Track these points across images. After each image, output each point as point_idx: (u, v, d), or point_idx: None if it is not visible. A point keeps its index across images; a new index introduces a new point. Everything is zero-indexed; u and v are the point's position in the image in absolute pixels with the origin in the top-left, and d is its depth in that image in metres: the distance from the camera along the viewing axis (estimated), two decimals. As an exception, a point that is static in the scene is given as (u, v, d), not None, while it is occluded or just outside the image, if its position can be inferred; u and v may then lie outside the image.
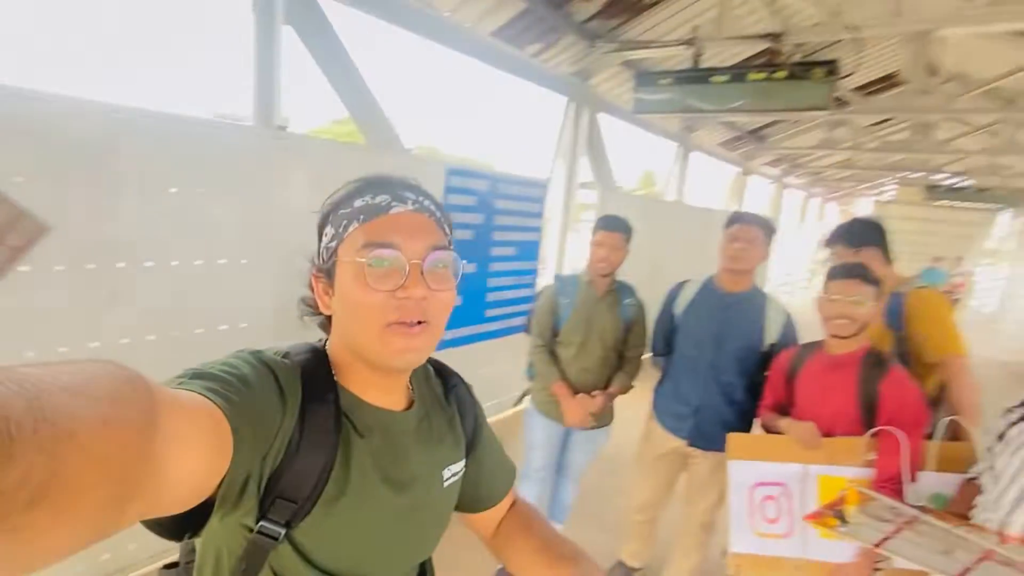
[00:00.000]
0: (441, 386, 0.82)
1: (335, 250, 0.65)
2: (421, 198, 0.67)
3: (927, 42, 4.56)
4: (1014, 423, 1.39)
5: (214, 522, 0.57)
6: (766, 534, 1.74)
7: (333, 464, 0.62)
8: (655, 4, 4.04)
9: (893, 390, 1.59)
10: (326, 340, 0.71)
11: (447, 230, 0.70)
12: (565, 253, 4.66)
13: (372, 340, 0.62)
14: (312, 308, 0.71)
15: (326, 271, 0.66)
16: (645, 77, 3.94)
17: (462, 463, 0.80)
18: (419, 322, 0.63)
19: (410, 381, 0.75)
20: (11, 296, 1.58)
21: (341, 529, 0.64)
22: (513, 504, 0.92)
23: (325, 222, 0.67)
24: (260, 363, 0.60)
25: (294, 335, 0.74)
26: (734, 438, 1.83)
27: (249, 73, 2.26)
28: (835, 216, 16.76)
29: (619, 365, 2.26)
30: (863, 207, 17.52)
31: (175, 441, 0.40)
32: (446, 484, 0.76)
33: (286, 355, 0.66)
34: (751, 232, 1.96)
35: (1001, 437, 1.40)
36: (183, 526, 0.60)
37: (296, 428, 0.60)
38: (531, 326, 2.31)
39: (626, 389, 2.26)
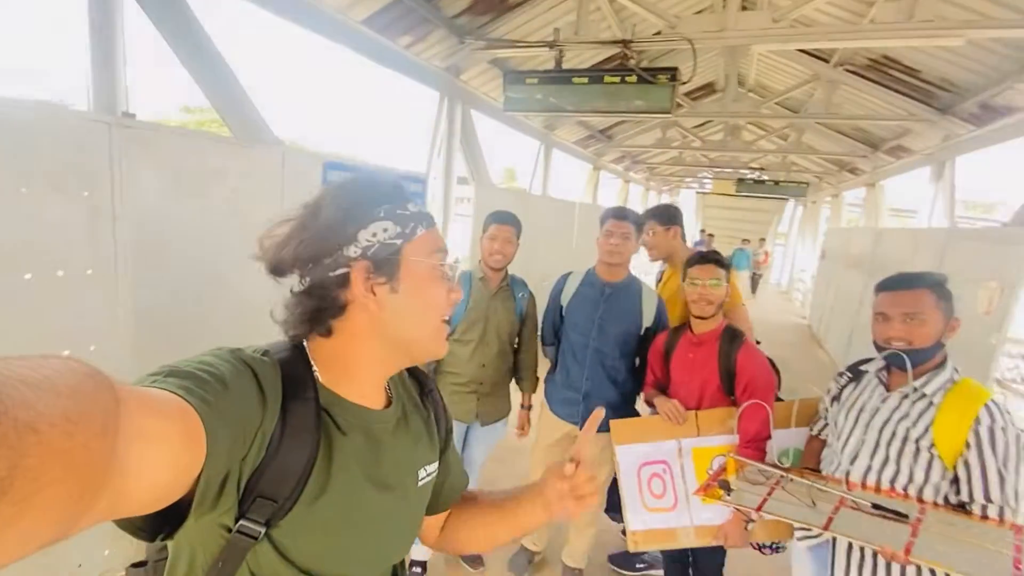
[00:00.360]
0: (417, 388, 0.84)
1: (399, 248, 0.67)
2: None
3: (738, 56, 5.42)
4: (844, 386, 1.65)
5: (190, 522, 0.55)
6: (655, 508, 1.90)
7: (315, 462, 0.62)
8: (520, 4, 4.19)
9: (747, 359, 1.81)
10: (300, 339, 0.70)
11: None
12: (453, 247, 4.65)
13: (429, 333, 0.70)
14: (332, 302, 0.67)
15: (383, 265, 0.67)
16: (514, 76, 4.07)
17: (436, 464, 0.82)
18: None
19: (388, 381, 0.76)
20: None
21: (322, 527, 0.64)
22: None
23: (370, 217, 0.67)
24: (239, 361, 0.59)
25: (156, 355, 0.69)
26: (617, 425, 1.94)
27: (83, 51, 1.86)
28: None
29: (514, 358, 2.32)
30: (687, 197, 20.21)
31: (140, 440, 0.39)
32: (420, 484, 0.77)
33: (265, 353, 0.65)
34: (624, 227, 2.12)
35: (836, 399, 1.66)
36: (158, 526, 0.56)
37: (277, 426, 0.60)
38: None
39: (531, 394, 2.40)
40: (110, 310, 1.87)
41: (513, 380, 2.40)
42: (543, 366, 2.43)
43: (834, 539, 1.52)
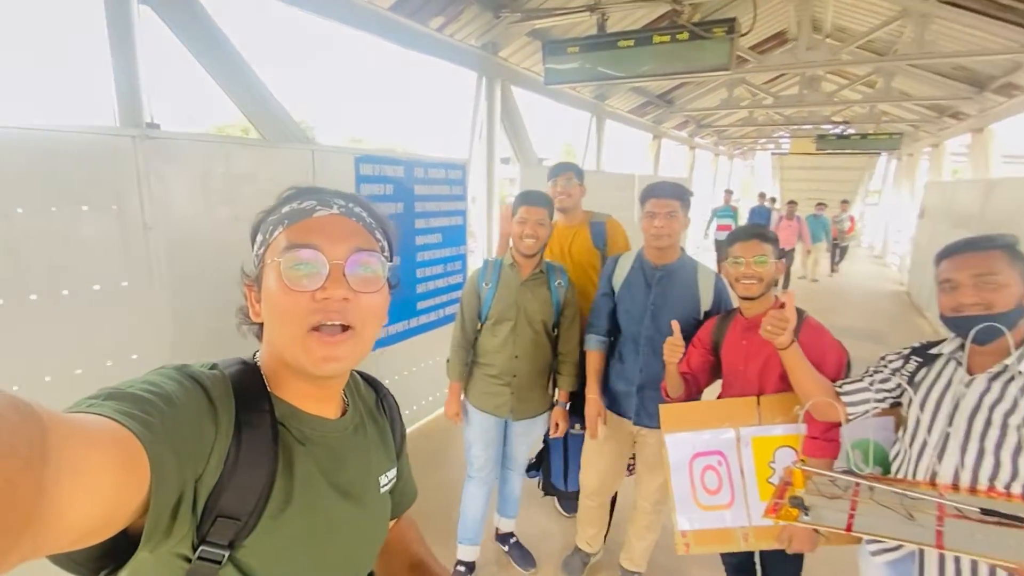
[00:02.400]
0: (373, 395, 0.83)
1: (262, 256, 0.65)
2: (351, 204, 0.68)
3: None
4: (914, 372, 1.43)
5: (143, 555, 0.51)
6: (710, 506, 1.71)
7: (275, 474, 0.60)
8: (557, -31, 3.94)
9: (811, 338, 1.61)
10: (256, 352, 0.70)
11: (379, 237, 0.69)
12: (494, 234, 4.56)
13: (295, 345, 0.61)
14: (247, 318, 0.69)
15: (256, 278, 0.66)
16: (553, 46, 3.85)
17: (395, 471, 0.81)
18: (344, 328, 0.62)
19: (344, 389, 0.75)
20: None
21: (290, 541, 0.62)
22: (399, 519, 0.93)
23: (256, 230, 0.67)
24: (186, 378, 0.57)
25: (196, 361, 0.67)
26: (666, 409, 1.77)
27: (107, 70, 1.91)
28: (741, 171, 17.81)
29: (554, 350, 2.18)
30: (762, 160, 18.76)
31: (72, 473, 0.37)
32: (382, 491, 0.77)
33: (214, 367, 0.63)
34: (668, 205, 1.92)
35: (910, 383, 1.42)
36: (100, 560, 0.53)
37: (232, 442, 0.57)
38: (457, 317, 2.20)
39: (570, 393, 2.20)
40: (148, 319, 1.95)
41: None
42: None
43: (920, 552, 1.31)
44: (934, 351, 1.42)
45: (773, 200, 10.83)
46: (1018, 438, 1.21)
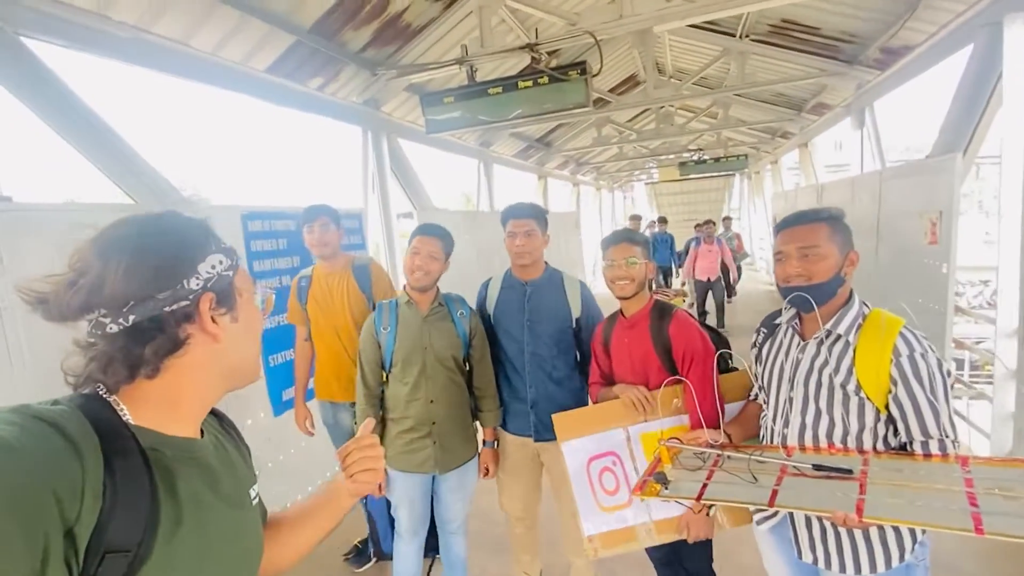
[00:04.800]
0: (215, 419, 0.83)
1: (232, 279, 0.71)
2: None
3: (649, 43, 5.54)
4: (762, 344, 1.56)
5: None
6: (610, 507, 1.72)
7: (159, 499, 0.59)
8: (423, 28, 4.20)
9: (679, 331, 1.73)
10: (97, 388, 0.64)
11: None
12: (397, 282, 4.54)
13: (256, 356, 0.77)
14: (164, 339, 0.63)
15: (223, 296, 0.69)
16: (430, 98, 4.04)
17: (257, 486, 0.82)
18: None
19: None
20: None
21: (187, 561, 0.61)
22: None
23: (206, 250, 0.68)
24: (31, 419, 0.52)
25: None
26: (560, 419, 1.79)
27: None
28: (622, 203, 19.34)
29: (469, 387, 2.06)
30: (638, 190, 20.59)
31: None
32: (254, 503, 0.79)
33: (56, 403, 0.58)
34: (526, 224, 2.01)
35: (757, 359, 1.56)
36: None
37: (105, 474, 0.54)
38: (357, 371, 2.02)
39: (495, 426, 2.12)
40: (12, 411, 1.70)
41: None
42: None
43: (791, 514, 1.40)
44: (777, 320, 1.53)
45: (664, 221, 9.91)
46: (843, 395, 1.31)
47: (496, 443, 2.14)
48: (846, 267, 1.34)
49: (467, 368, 2.06)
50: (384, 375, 1.99)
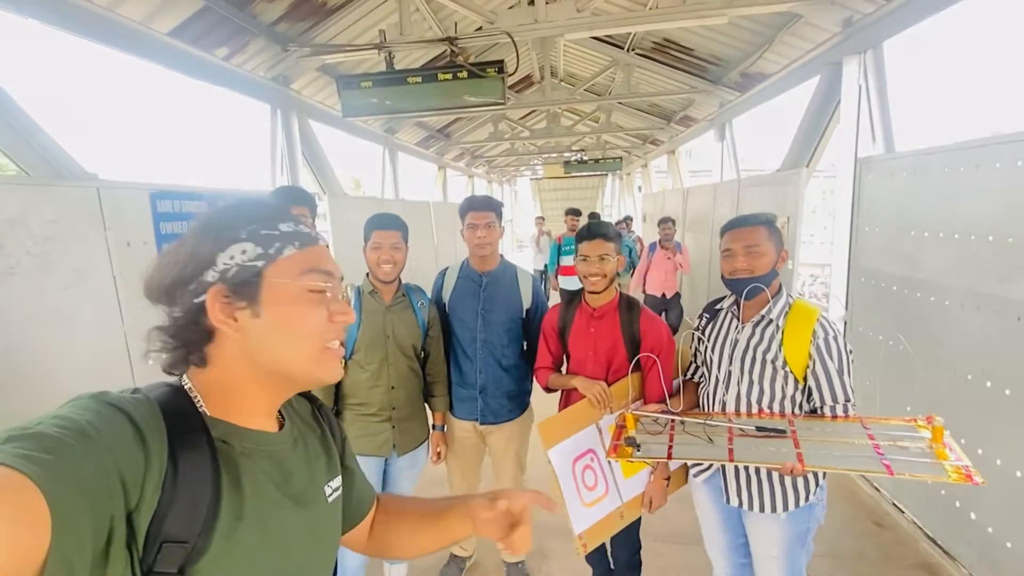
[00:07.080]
0: (307, 406, 0.83)
1: (260, 270, 0.63)
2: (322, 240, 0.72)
3: (548, 48, 5.96)
4: (705, 326, 1.77)
5: None
6: (592, 502, 1.81)
7: (221, 492, 0.59)
8: (340, 8, 4.12)
9: (648, 325, 1.84)
10: (175, 373, 0.66)
11: None
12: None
13: (308, 360, 0.66)
14: (192, 330, 0.63)
15: (241, 288, 0.63)
16: (348, 80, 3.99)
17: (340, 479, 0.81)
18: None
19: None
20: None
21: (246, 558, 0.60)
22: (377, 501, 0.94)
23: (231, 239, 0.63)
24: (103, 405, 0.53)
25: None
26: (543, 426, 1.80)
27: None
28: (508, 195, 20.00)
29: (423, 374, 2.15)
30: (523, 184, 21.51)
31: None
32: (330, 500, 0.77)
33: (136, 391, 0.60)
34: (486, 217, 2.09)
35: (701, 340, 1.76)
36: None
37: (168, 465, 0.55)
38: None
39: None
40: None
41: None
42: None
43: (723, 467, 1.66)
44: (718, 307, 1.76)
45: (629, 220, 9.02)
46: (773, 369, 1.56)
47: (444, 427, 2.25)
48: (779, 263, 1.59)
49: (423, 356, 2.14)
50: (343, 362, 2.01)
